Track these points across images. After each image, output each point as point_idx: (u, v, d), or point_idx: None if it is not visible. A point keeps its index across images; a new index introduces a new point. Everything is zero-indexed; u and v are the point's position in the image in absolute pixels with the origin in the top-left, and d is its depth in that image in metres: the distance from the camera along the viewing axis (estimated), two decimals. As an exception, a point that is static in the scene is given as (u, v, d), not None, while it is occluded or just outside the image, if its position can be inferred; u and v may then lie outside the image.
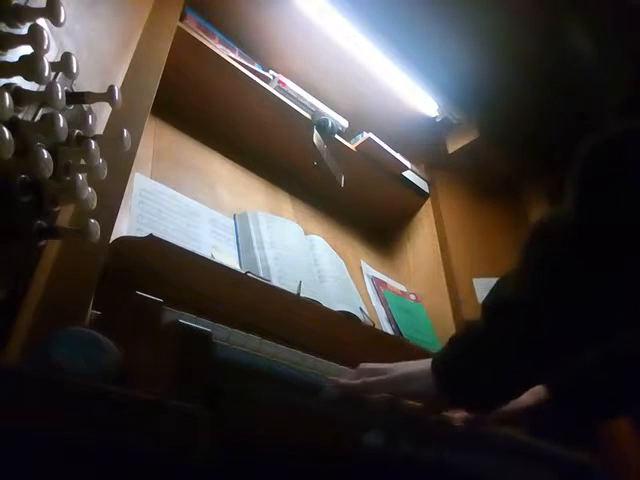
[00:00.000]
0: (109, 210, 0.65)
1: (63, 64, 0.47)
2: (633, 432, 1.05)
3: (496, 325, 0.56)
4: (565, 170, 0.52)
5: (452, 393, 0.60)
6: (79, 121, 0.51)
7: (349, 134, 1.40)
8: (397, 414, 0.67)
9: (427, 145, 1.57)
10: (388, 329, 1.17)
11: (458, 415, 0.71)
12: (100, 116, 0.64)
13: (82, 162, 0.51)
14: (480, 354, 0.57)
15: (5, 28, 0.42)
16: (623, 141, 0.48)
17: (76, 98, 0.51)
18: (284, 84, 1.27)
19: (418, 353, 1.04)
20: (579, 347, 0.55)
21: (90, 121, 0.51)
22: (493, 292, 0.59)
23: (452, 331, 1.26)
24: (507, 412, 0.68)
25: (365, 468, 0.60)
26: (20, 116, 0.44)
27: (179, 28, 1.03)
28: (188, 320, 0.55)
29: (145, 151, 0.99)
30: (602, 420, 0.95)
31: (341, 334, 0.90)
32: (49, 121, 0.43)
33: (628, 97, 0.51)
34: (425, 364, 0.64)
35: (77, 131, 0.52)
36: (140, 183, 0.91)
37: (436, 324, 1.30)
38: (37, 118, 0.47)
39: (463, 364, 0.59)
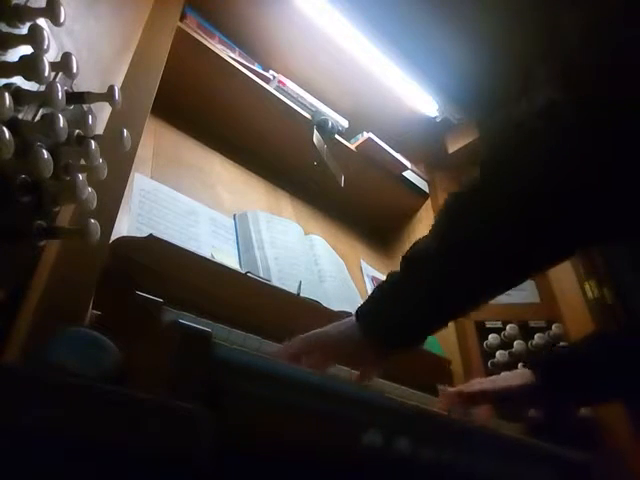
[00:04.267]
0: (109, 210, 0.65)
1: (63, 64, 0.47)
2: (633, 432, 1.05)
3: (410, 272, 0.65)
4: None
5: (372, 332, 0.67)
6: (79, 121, 0.51)
7: (349, 134, 1.40)
8: (397, 414, 0.67)
9: (427, 145, 1.57)
10: (388, 329, 1.17)
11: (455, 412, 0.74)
12: (100, 116, 0.64)
13: (82, 162, 0.51)
14: (395, 297, 0.65)
15: (5, 28, 0.42)
16: (529, 116, 0.55)
17: (76, 98, 0.51)
18: (284, 84, 1.27)
19: (418, 353, 1.04)
20: (477, 289, 0.64)
21: (90, 121, 0.51)
22: (412, 245, 0.67)
23: (451, 330, 1.27)
24: (495, 393, 0.75)
25: (365, 468, 0.60)
26: (20, 116, 0.44)
27: (179, 28, 1.03)
28: (188, 320, 0.55)
29: (145, 151, 0.99)
30: (588, 404, 0.99)
31: (341, 334, 0.90)
32: (49, 121, 0.43)
33: (556, 70, 0.56)
34: (348, 318, 0.71)
35: (77, 131, 0.52)
36: (140, 183, 0.91)
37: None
38: (37, 118, 0.47)
39: (381, 307, 0.67)
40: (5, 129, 0.37)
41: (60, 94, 0.44)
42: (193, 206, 0.99)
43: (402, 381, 0.87)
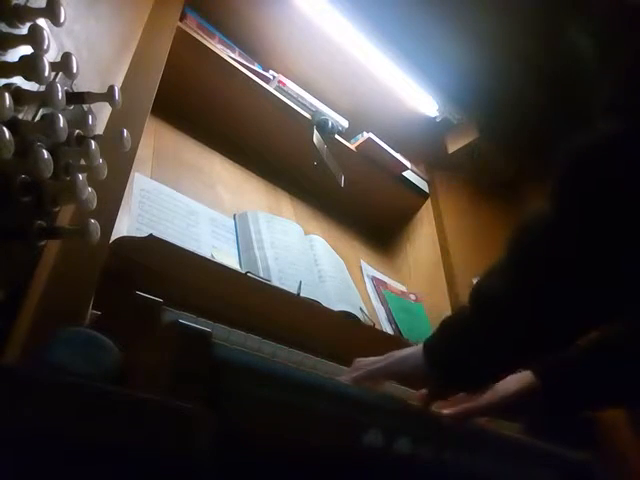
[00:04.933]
0: (109, 210, 0.65)
1: (63, 64, 0.47)
2: (633, 432, 1.05)
3: (483, 317, 0.61)
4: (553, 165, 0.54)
5: (441, 374, 0.66)
6: (79, 121, 0.51)
7: (349, 134, 1.40)
8: (397, 414, 0.68)
9: (427, 145, 1.57)
10: (388, 329, 1.17)
11: (447, 410, 0.73)
12: (100, 116, 0.64)
13: (82, 162, 0.51)
14: (467, 340, 0.62)
15: (5, 28, 0.42)
16: (603, 144, 0.50)
17: (76, 98, 0.51)
18: (284, 84, 1.27)
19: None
20: (557, 338, 0.59)
21: (90, 121, 0.51)
22: (481, 282, 0.64)
23: (452, 331, 1.26)
24: (496, 400, 0.73)
25: (365, 468, 0.60)
26: (20, 116, 0.44)
27: (179, 28, 1.03)
28: (188, 320, 0.55)
29: (145, 151, 0.99)
30: (589, 409, 0.98)
31: (341, 334, 0.90)
32: (49, 121, 0.43)
33: (613, 98, 0.52)
34: (416, 348, 0.70)
35: (77, 131, 0.52)
36: (140, 183, 0.91)
37: (436, 324, 1.29)
38: (37, 118, 0.47)
39: (452, 348, 0.64)
40: (5, 129, 0.37)
41: (60, 94, 0.44)
42: (193, 206, 0.99)
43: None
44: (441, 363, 0.66)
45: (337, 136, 1.34)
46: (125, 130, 0.55)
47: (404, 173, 1.51)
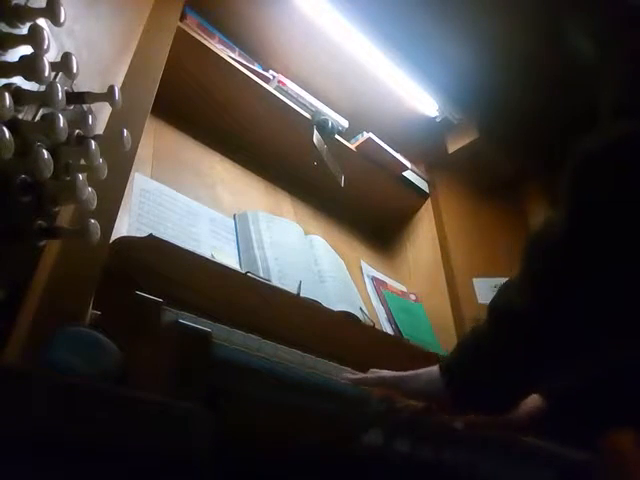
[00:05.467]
0: (109, 210, 0.65)
1: (63, 64, 0.47)
2: (633, 432, 1.05)
3: (501, 334, 0.58)
4: (563, 170, 0.52)
5: (460, 396, 0.62)
6: (79, 121, 0.51)
7: (349, 134, 1.40)
8: (397, 413, 0.67)
9: (427, 145, 1.57)
10: (388, 329, 1.17)
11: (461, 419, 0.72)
12: (100, 116, 0.64)
13: (82, 162, 0.51)
14: (487, 360, 0.59)
15: (5, 28, 0.42)
16: (613, 147, 0.48)
17: (76, 98, 0.51)
18: (284, 84, 1.27)
19: (418, 353, 1.04)
20: (580, 355, 0.56)
21: (90, 121, 0.51)
22: (498, 298, 0.60)
23: (452, 331, 1.26)
24: (508, 419, 0.70)
25: (365, 468, 0.60)
26: (20, 116, 0.44)
27: (179, 28, 1.03)
28: (188, 320, 0.55)
29: (145, 151, 0.99)
30: (601, 430, 0.95)
31: (341, 334, 0.90)
32: (49, 121, 0.43)
33: (619, 100, 0.50)
34: (432, 368, 0.66)
35: (77, 131, 0.52)
36: (140, 183, 0.91)
37: (436, 324, 1.30)
38: (37, 118, 0.47)
39: (471, 368, 0.61)
40: (5, 129, 0.37)
41: (60, 94, 0.44)
42: (193, 206, 0.99)
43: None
44: (458, 383, 0.62)
45: (337, 136, 1.34)
46: (125, 130, 0.55)
47: (404, 173, 1.51)
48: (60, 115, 0.44)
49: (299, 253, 1.08)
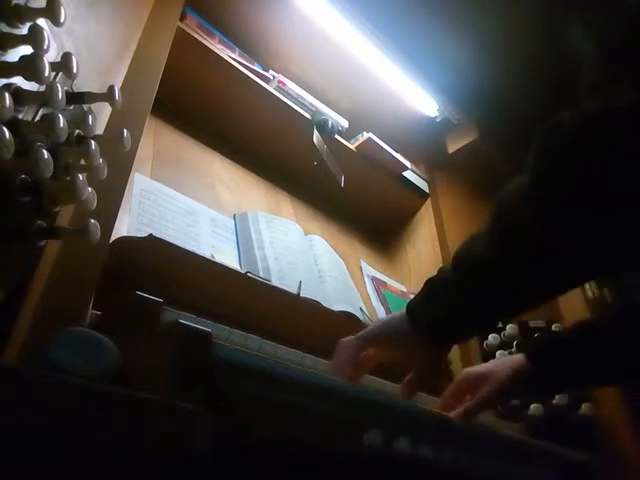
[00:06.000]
0: (109, 210, 0.66)
1: (63, 64, 0.47)
2: (633, 432, 1.05)
3: (464, 276, 0.66)
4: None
5: (425, 331, 0.70)
6: (79, 121, 0.51)
7: (349, 134, 1.40)
8: (397, 414, 0.68)
9: (427, 145, 1.57)
10: (388, 329, 1.17)
11: (453, 413, 0.74)
12: (100, 116, 0.64)
13: (82, 162, 0.51)
14: (449, 301, 0.67)
15: (5, 28, 0.42)
16: (572, 122, 0.53)
17: (76, 98, 0.51)
18: (284, 84, 1.27)
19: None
20: (533, 301, 0.66)
21: (90, 121, 0.51)
22: (464, 247, 0.68)
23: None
24: (492, 391, 0.75)
25: (365, 468, 0.60)
26: (20, 116, 0.44)
27: (179, 28, 1.03)
28: (188, 320, 0.55)
29: (145, 151, 0.99)
30: (576, 388, 1.03)
31: (341, 334, 0.90)
32: (49, 121, 0.43)
33: (591, 80, 0.54)
34: (397, 312, 0.74)
35: (77, 131, 0.52)
36: (140, 183, 0.91)
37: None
38: (37, 118, 0.47)
39: (435, 308, 0.69)
40: (5, 129, 0.37)
41: (60, 94, 0.44)
42: (193, 206, 0.99)
43: (401, 381, 0.87)
44: (425, 322, 0.69)
45: (337, 136, 1.34)
46: (125, 130, 0.55)
47: (404, 173, 1.51)
48: (60, 115, 0.44)
49: (299, 253, 1.08)
